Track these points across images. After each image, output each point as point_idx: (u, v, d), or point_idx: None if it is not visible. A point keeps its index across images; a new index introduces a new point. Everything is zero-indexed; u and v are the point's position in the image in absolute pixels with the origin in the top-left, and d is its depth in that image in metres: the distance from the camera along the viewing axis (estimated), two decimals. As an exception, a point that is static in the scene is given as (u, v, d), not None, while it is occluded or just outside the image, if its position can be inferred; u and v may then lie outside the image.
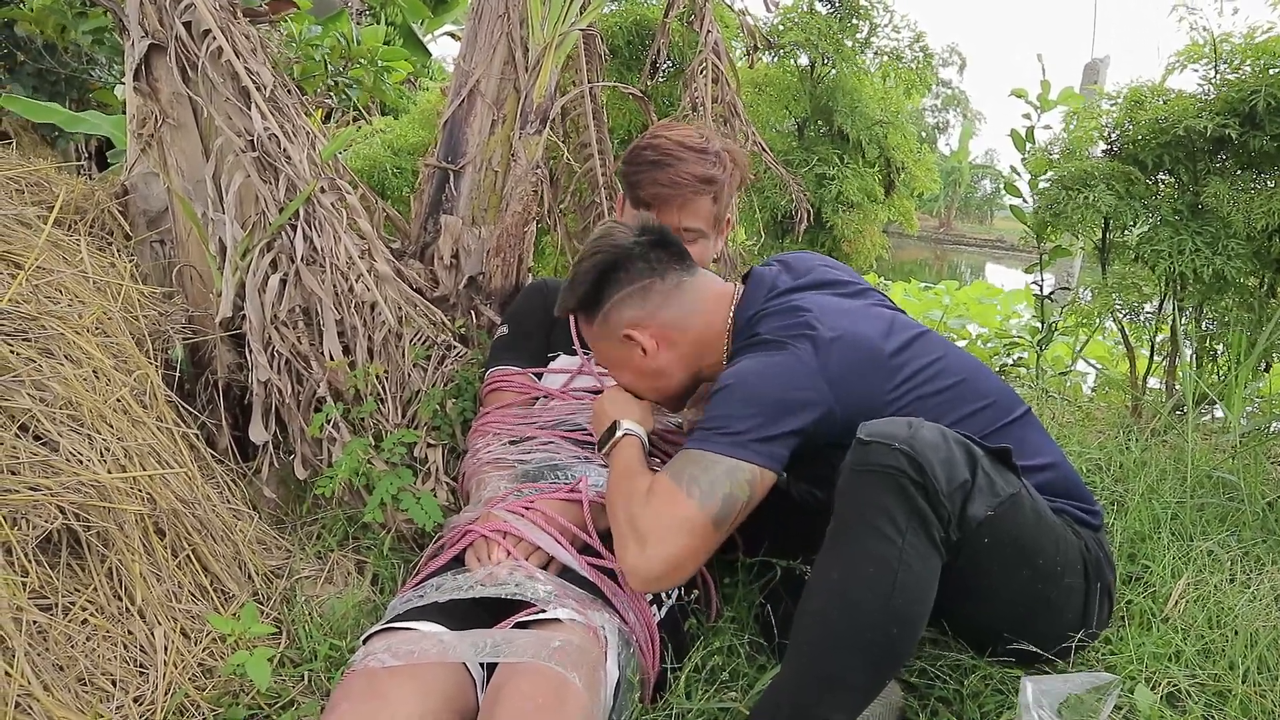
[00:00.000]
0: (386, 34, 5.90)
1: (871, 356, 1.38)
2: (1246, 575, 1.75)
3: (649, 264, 1.52)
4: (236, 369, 1.92)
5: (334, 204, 1.90)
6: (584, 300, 1.54)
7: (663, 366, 1.53)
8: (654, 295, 1.51)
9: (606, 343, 1.55)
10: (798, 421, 1.33)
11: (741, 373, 1.37)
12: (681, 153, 1.68)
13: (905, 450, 1.16)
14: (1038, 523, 1.28)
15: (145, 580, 1.38)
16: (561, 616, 1.27)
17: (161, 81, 1.85)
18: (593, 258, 1.52)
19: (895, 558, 1.14)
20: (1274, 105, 2.28)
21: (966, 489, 1.19)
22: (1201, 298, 2.51)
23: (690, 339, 1.53)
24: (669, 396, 1.60)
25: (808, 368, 1.34)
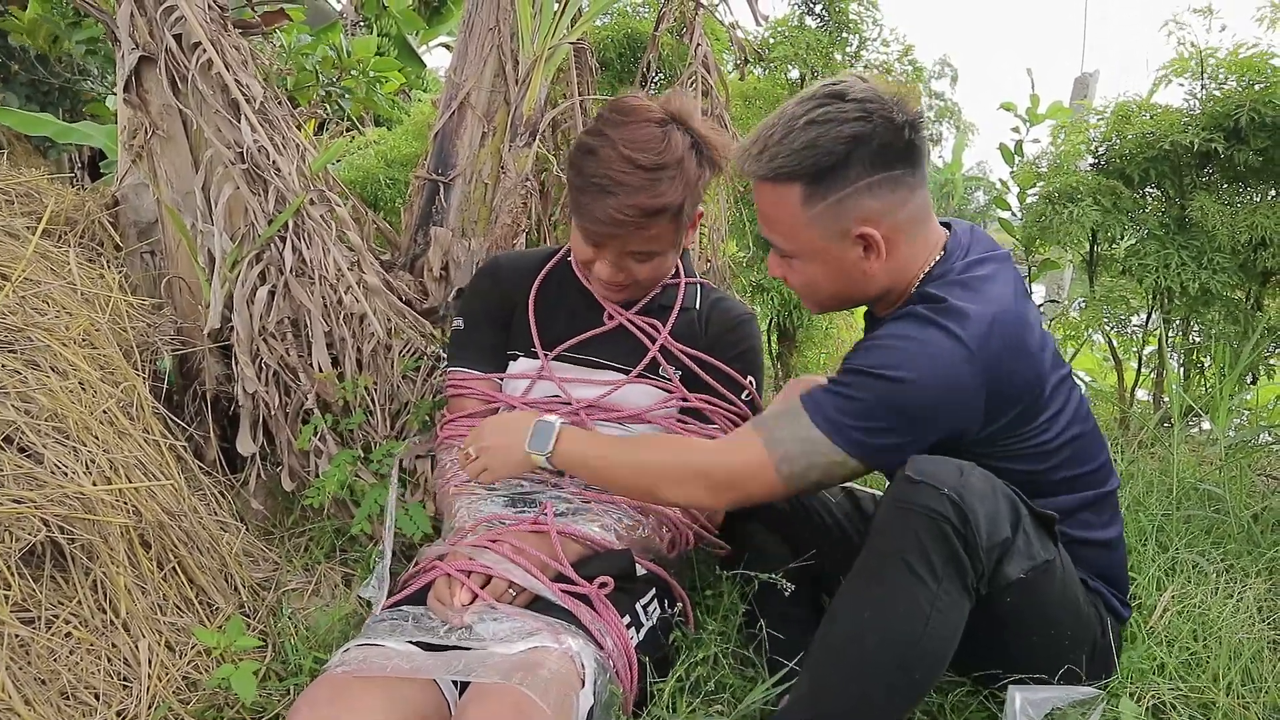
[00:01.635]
0: (380, 45, 5.93)
1: (1034, 384, 1.28)
2: (1231, 587, 1.76)
3: (904, 152, 1.25)
4: (225, 380, 1.92)
5: (323, 216, 1.90)
6: (818, 171, 1.24)
7: (871, 274, 1.31)
8: (902, 190, 1.26)
9: (816, 229, 1.28)
10: (928, 437, 1.24)
11: (917, 366, 1.20)
12: (628, 175, 1.44)
13: (953, 498, 1.13)
14: (1063, 597, 1.26)
15: (130, 593, 1.38)
16: (535, 645, 1.25)
17: (151, 93, 1.85)
18: (847, 124, 1.22)
19: (929, 602, 1.13)
20: (1258, 120, 2.30)
21: (1006, 547, 1.17)
22: (1188, 311, 2.53)
23: (907, 255, 1.31)
24: (829, 305, 1.43)
25: (967, 383, 1.21)
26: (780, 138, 1.25)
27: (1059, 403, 1.31)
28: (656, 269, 1.59)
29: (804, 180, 1.25)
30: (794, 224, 1.29)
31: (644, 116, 1.49)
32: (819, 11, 2.78)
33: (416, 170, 2.27)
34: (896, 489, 1.18)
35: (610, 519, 1.54)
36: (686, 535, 1.63)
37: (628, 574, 1.48)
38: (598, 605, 1.38)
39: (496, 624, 1.30)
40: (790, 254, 1.35)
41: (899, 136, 1.23)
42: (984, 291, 1.27)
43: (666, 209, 1.46)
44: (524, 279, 1.72)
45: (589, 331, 1.65)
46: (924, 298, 1.28)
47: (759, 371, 1.71)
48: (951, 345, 1.20)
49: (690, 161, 1.49)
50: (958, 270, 1.30)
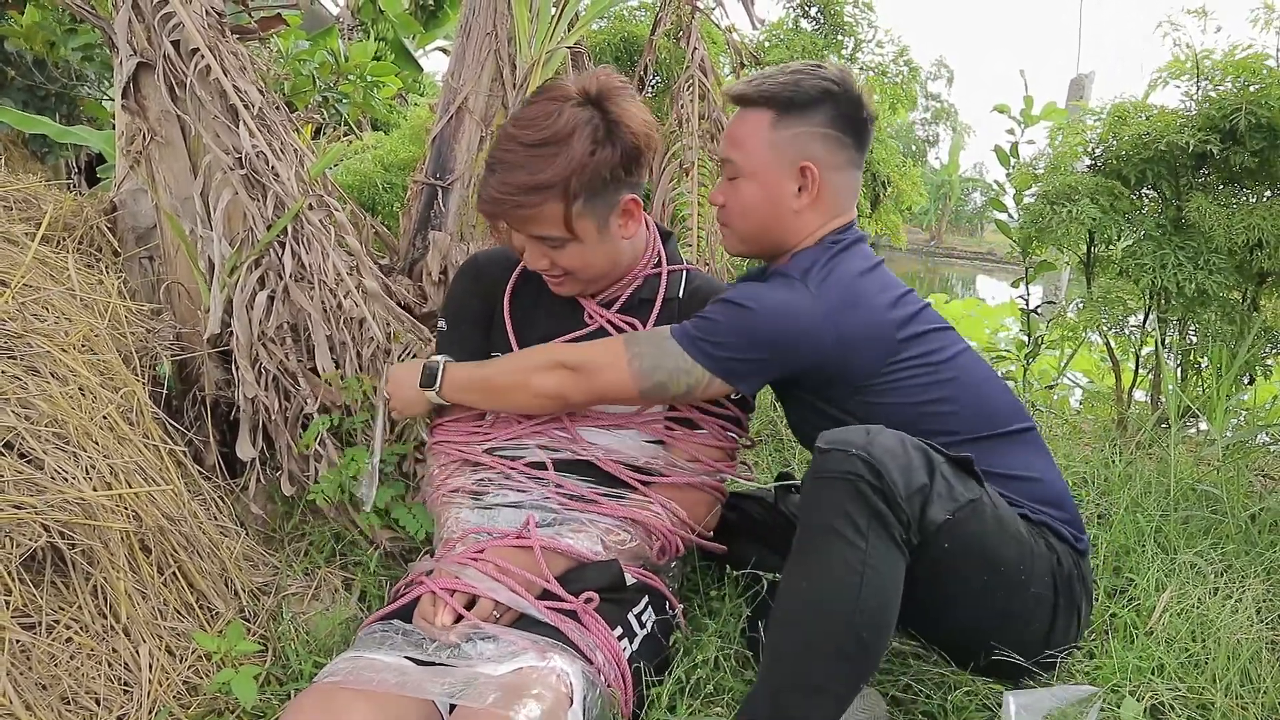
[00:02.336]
0: (377, 49, 5.93)
1: (882, 330, 1.45)
2: (1229, 587, 1.76)
3: (858, 129, 1.52)
4: (224, 385, 1.92)
5: (322, 221, 1.91)
6: (789, 103, 1.49)
7: (797, 211, 1.52)
8: (840, 155, 1.52)
9: (771, 151, 1.51)
10: (773, 360, 1.44)
11: (761, 300, 1.42)
12: (510, 154, 1.42)
13: (862, 456, 1.19)
14: (1000, 530, 1.31)
15: (130, 598, 1.38)
16: (522, 665, 1.24)
17: (150, 99, 1.86)
18: (821, 81, 1.49)
19: (860, 560, 1.18)
20: (1254, 122, 2.31)
21: (925, 493, 1.22)
22: (1185, 311, 2.54)
23: (821, 214, 1.53)
24: (749, 240, 1.59)
25: (818, 321, 1.41)
26: (770, 75, 1.52)
27: (920, 348, 1.47)
28: (579, 256, 1.50)
29: (777, 108, 1.49)
30: (756, 144, 1.51)
31: (549, 95, 1.46)
32: (814, 14, 2.79)
33: (415, 175, 2.27)
34: (813, 463, 1.26)
35: (597, 529, 1.51)
36: (675, 542, 1.58)
37: (617, 585, 1.46)
38: (585, 620, 1.37)
39: (484, 643, 1.29)
40: (740, 174, 1.54)
41: (858, 112, 1.51)
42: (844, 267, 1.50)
43: (544, 186, 1.40)
44: (501, 277, 1.68)
45: (567, 334, 1.61)
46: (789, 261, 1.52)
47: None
48: (794, 289, 1.45)
49: (581, 139, 1.41)
50: (828, 249, 1.51)
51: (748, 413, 1.70)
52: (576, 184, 1.42)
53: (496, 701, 1.15)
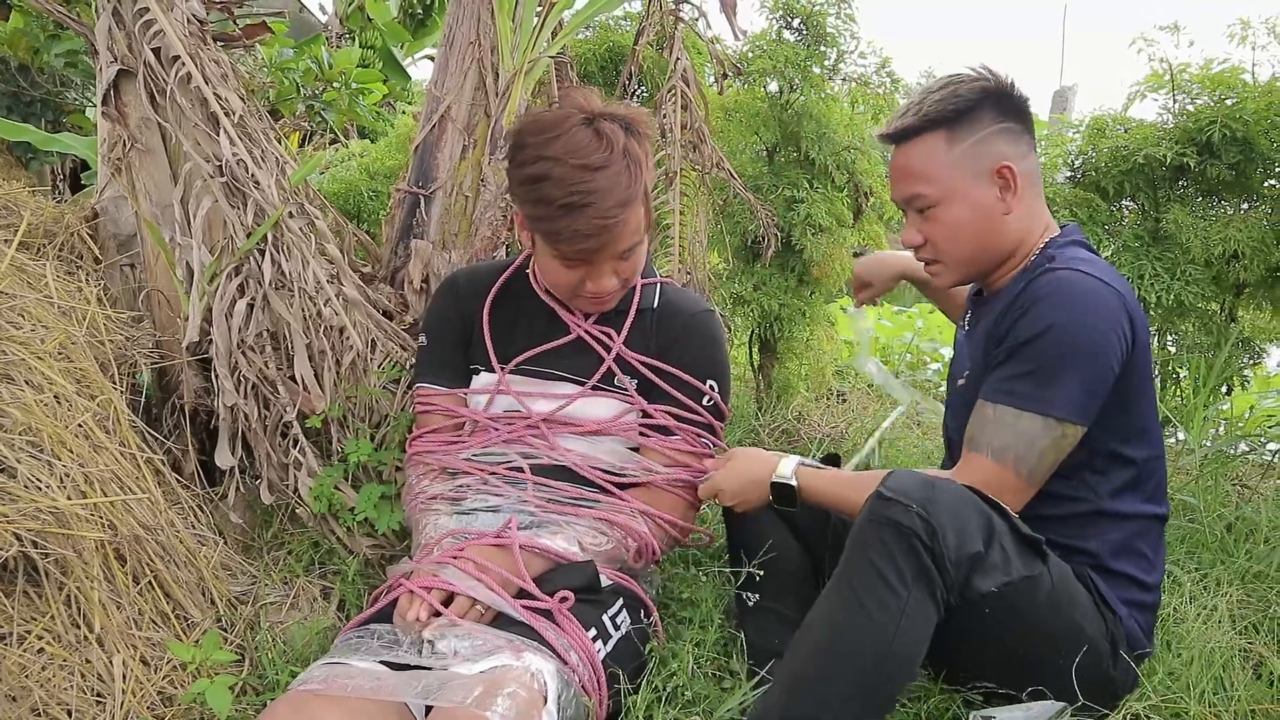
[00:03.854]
0: (365, 57, 5.93)
1: (1146, 340, 1.42)
2: (1205, 597, 1.78)
3: (1021, 111, 1.49)
4: (203, 394, 1.91)
5: (302, 228, 1.90)
6: (956, 116, 1.46)
7: (1012, 213, 1.47)
8: (1021, 143, 1.48)
9: (958, 169, 1.46)
10: (1110, 368, 1.34)
11: (1051, 314, 1.33)
12: (590, 181, 1.42)
13: (920, 514, 1.19)
14: (1053, 612, 1.30)
15: (104, 608, 1.37)
16: (497, 664, 1.25)
17: (130, 107, 1.85)
18: (974, 83, 1.47)
19: (899, 608, 1.19)
20: (1229, 135, 2.34)
21: (976, 561, 1.22)
22: (1163, 323, 2.56)
23: (1031, 209, 1.49)
24: (966, 261, 1.52)
25: (1114, 308, 1.34)
26: (920, 99, 1.48)
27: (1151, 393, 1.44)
28: (638, 260, 1.58)
29: (946, 125, 1.45)
30: (940, 167, 1.46)
31: (567, 125, 1.47)
32: (797, 25, 2.80)
33: (397, 183, 2.27)
34: (870, 504, 1.24)
35: (574, 531, 1.54)
36: (652, 546, 1.61)
37: (592, 586, 1.48)
38: (560, 619, 1.38)
39: (459, 640, 1.30)
40: (934, 202, 1.48)
41: (1016, 94, 1.49)
42: (1104, 264, 1.44)
43: (636, 196, 1.48)
44: (480, 293, 1.71)
45: (545, 344, 1.64)
46: (1050, 261, 1.42)
47: (720, 371, 1.67)
48: (1091, 283, 1.35)
49: (632, 144, 1.49)
50: (1070, 247, 1.46)
51: (722, 421, 1.71)
52: (649, 180, 1.53)
53: (471, 701, 1.16)
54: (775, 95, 2.85)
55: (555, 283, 1.58)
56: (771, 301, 2.81)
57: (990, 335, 1.46)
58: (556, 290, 1.62)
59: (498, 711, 1.15)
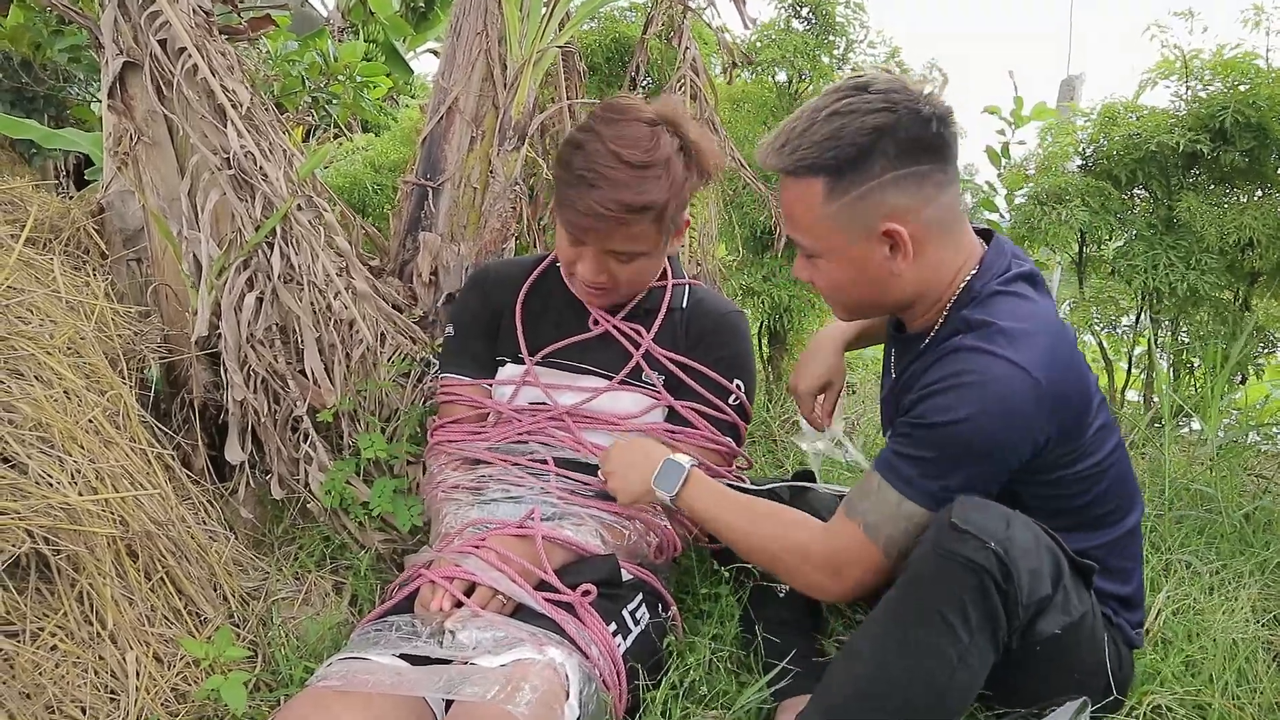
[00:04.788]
0: (367, 51, 5.91)
1: (1082, 407, 1.25)
2: (1225, 588, 1.76)
3: (932, 146, 1.21)
4: (213, 388, 1.90)
5: (311, 221, 1.89)
6: (840, 164, 1.20)
7: (899, 275, 1.26)
8: (928, 187, 1.22)
9: (840, 225, 1.24)
10: (1000, 469, 1.21)
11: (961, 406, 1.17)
12: (614, 170, 1.41)
13: (999, 553, 1.09)
14: (1092, 645, 1.24)
15: (117, 604, 1.36)
16: (519, 657, 1.24)
17: (136, 99, 1.84)
18: (867, 118, 1.18)
19: (959, 654, 1.11)
20: (1242, 122, 2.32)
21: (1043, 604, 1.14)
22: (1177, 311, 2.54)
23: (937, 259, 1.27)
24: (856, 311, 1.39)
25: (1029, 411, 1.17)
26: (802, 130, 1.22)
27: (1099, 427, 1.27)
28: (639, 273, 1.56)
29: (826, 173, 1.22)
30: (817, 220, 1.25)
31: (635, 116, 1.48)
32: (805, 15, 2.78)
33: (405, 175, 2.26)
34: (939, 535, 1.13)
35: (596, 523, 1.53)
36: (674, 541, 1.61)
37: (613, 580, 1.47)
38: (582, 613, 1.37)
39: (480, 632, 1.29)
40: (814, 254, 1.30)
41: (925, 129, 1.20)
42: (1033, 308, 1.24)
43: (650, 207, 1.44)
44: (512, 286, 1.72)
45: (573, 337, 1.65)
46: (969, 325, 1.23)
47: (746, 372, 1.68)
48: (1012, 374, 1.16)
49: (677, 164, 1.48)
50: (997, 285, 1.25)
51: (747, 422, 1.70)
52: (673, 206, 1.48)
53: (494, 695, 1.15)
54: (784, 85, 2.83)
55: (559, 253, 1.58)
56: (781, 293, 2.80)
57: (902, 391, 1.34)
58: (560, 261, 1.62)
59: (521, 706, 1.14)
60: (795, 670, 1.46)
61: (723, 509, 1.43)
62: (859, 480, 1.32)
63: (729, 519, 1.41)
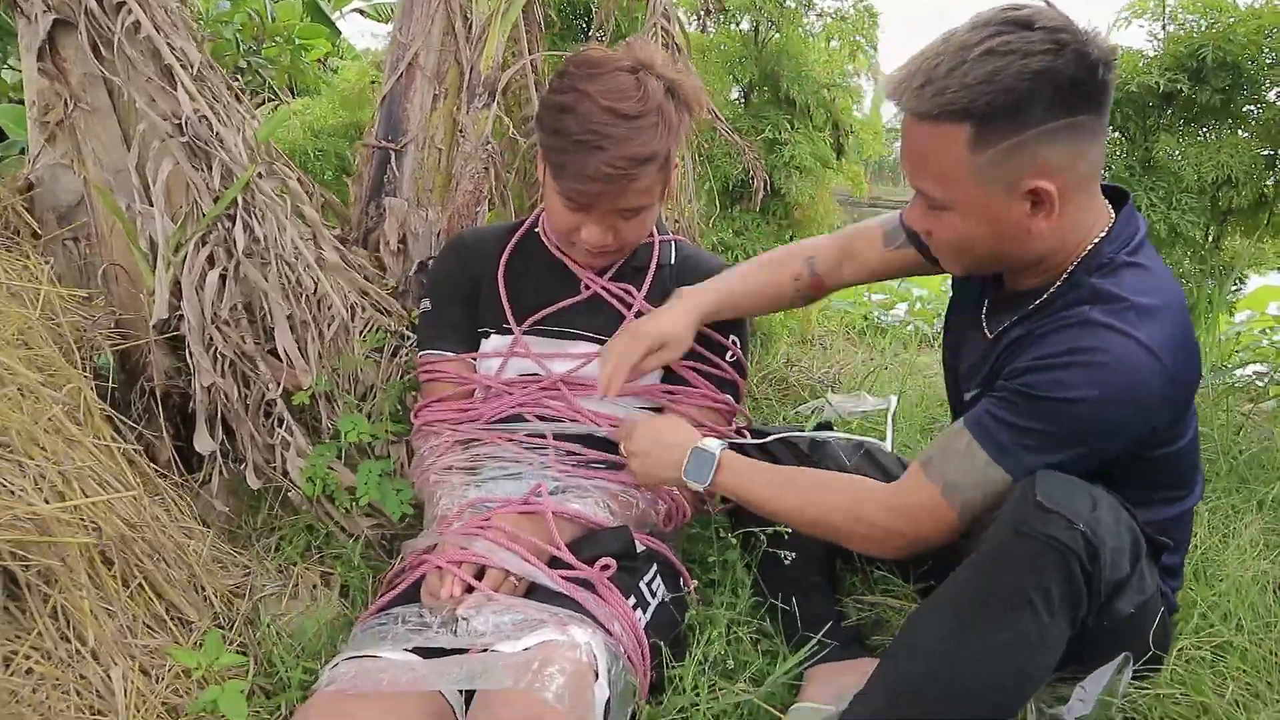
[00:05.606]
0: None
1: (1195, 387, 1.20)
2: (1227, 526, 1.77)
3: (1093, 94, 1.07)
4: (174, 374, 1.76)
5: (275, 190, 1.75)
6: (992, 110, 1.05)
7: (1036, 234, 1.14)
8: (1084, 139, 1.09)
9: (981, 178, 1.10)
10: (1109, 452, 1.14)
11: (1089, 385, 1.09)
12: (613, 126, 1.35)
13: (1086, 534, 1.03)
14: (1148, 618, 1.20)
15: (96, 617, 1.24)
16: (543, 639, 1.17)
17: (70, 61, 1.67)
18: (1034, 56, 1.04)
19: (1039, 635, 1.05)
20: (1220, 59, 2.30)
21: (1123, 583, 1.09)
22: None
23: (1075, 218, 1.15)
24: (976, 268, 1.28)
25: (1156, 398, 1.10)
26: (950, 68, 1.06)
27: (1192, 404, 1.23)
28: (642, 225, 1.50)
29: (975, 120, 1.07)
30: (954, 170, 1.11)
31: (615, 66, 1.42)
32: (772, -42, 2.68)
33: (365, 138, 2.12)
34: (1021, 512, 1.06)
35: (602, 494, 1.47)
36: (683, 507, 1.57)
37: (628, 553, 1.41)
38: (600, 589, 1.31)
39: (496, 616, 1.22)
40: (942, 205, 1.16)
41: (1092, 75, 1.05)
42: (1160, 281, 1.16)
43: (655, 156, 1.39)
44: (490, 253, 1.64)
45: (561, 302, 1.58)
46: (1098, 296, 1.14)
47: (739, 328, 1.63)
48: (1145, 359, 1.08)
49: (669, 107, 1.42)
50: (1125, 255, 1.16)
51: (744, 378, 1.65)
52: (674, 150, 1.44)
53: (523, 683, 1.08)
54: (749, 33, 2.74)
55: (555, 223, 1.50)
56: (755, 247, 2.73)
57: (1004, 351, 1.25)
58: (555, 231, 1.55)
59: (551, 691, 1.07)
60: (828, 643, 1.42)
61: (763, 487, 1.36)
62: (941, 435, 1.25)
63: (773, 496, 1.35)
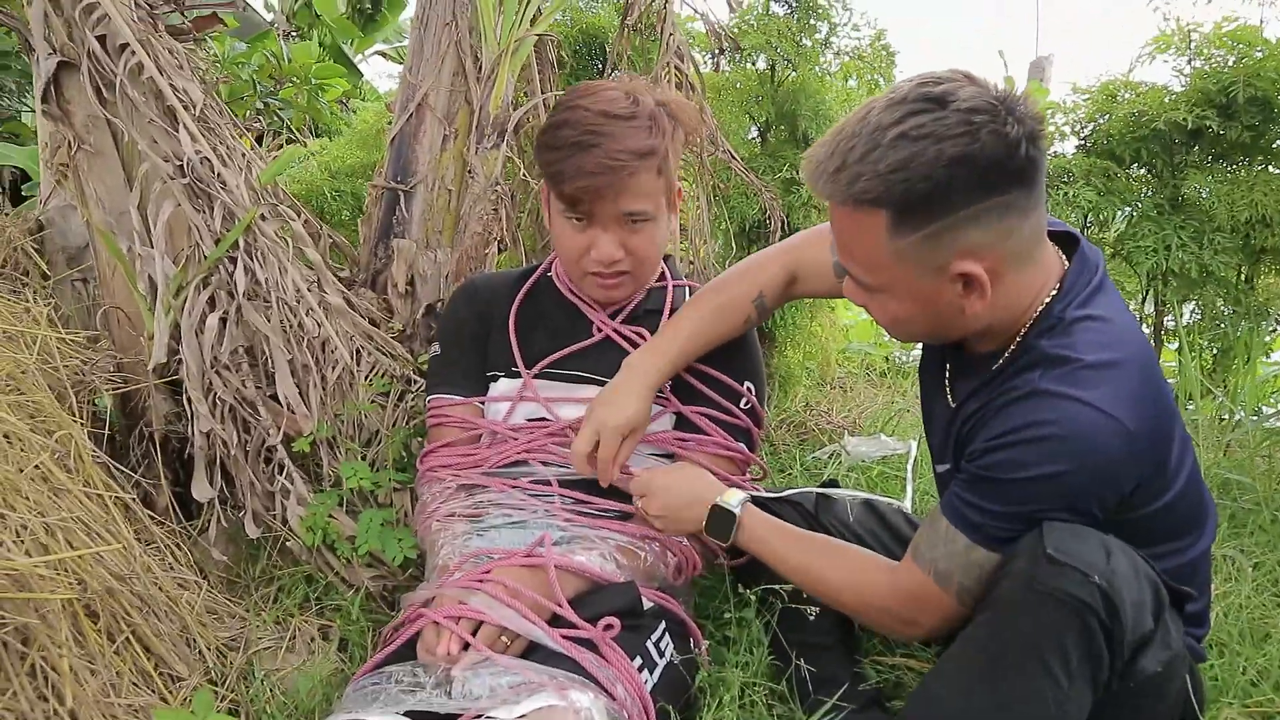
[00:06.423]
0: (319, 54, 5.70)
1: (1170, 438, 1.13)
2: (1274, 584, 1.67)
3: (1017, 171, 1.00)
4: (174, 419, 1.72)
5: (277, 232, 1.72)
6: (909, 200, 1.00)
7: (971, 313, 1.09)
8: (1011, 217, 1.02)
9: (906, 263, 1.05)
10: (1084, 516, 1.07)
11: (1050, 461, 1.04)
12: (607, 125, 1.37)
13: (1102, 588, 0.97)
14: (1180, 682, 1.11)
15: (76, 675, 1.19)
16: (540, 705, 1.10)
17: (74, 103, 1.65)
18: (948, 140, 0.98)
19: (1058, 701, 0.99)
20: (1251, 95, 2.24)
21: (1146, 639, 1.02)
22: (1187, 293, 2.46)
23: (1015, 290, 1.09)
24: (915, 339, 1.25)
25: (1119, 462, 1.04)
26: (863, 154, 1.01)
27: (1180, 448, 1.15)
28: (651, 240, 1.47)
29: (891, 208, 1.02)
30: (878, 256, 1.06)
31: (606, 87, 1.45)
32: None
33: (374, 179, 2.09)
34: (1033, 568, 1.00)
35: (609, 546, 1.40)
36: (693, 560, 1.49)
37: (634, 610, 1.34)
38: (604, 649, 1.24)
39: (493, 678, 1.15)
40: (872, 288, 1.12)
41: (1012, 155, 0.99)
42: (1116, 331, 1.09)
43: (652, 152, 1.40)
44: (502, 298, 1.62)
45: (572, 345, 1.54)
46: (1047, 360, 1.08)
47: (756, 375, 1.58)
48: (1100, 422, 1.02)
49: (661, 115, 1.44)
50: (1078, 305, 1.10)
51: (759, 427, 1.59)
52: (671, 157, 1.44)
53: None
54: (765, 72, 2.71)
55: (564, 251, 1.49)
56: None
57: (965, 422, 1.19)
58: (565, 262, 1.52)
59: None
60: (844, 706, 1.33)
61: (779, 548, 1.32)
62: (925, 519, 1.20)
63: (789, 559, 1.31)
